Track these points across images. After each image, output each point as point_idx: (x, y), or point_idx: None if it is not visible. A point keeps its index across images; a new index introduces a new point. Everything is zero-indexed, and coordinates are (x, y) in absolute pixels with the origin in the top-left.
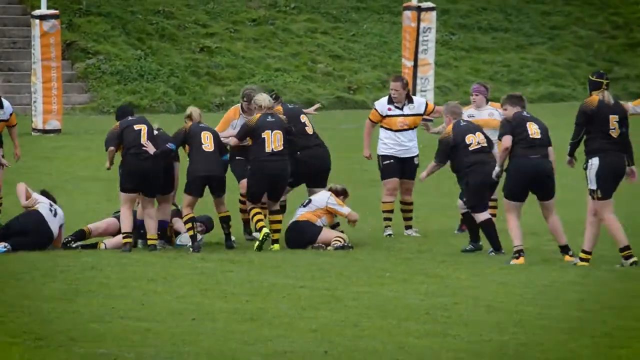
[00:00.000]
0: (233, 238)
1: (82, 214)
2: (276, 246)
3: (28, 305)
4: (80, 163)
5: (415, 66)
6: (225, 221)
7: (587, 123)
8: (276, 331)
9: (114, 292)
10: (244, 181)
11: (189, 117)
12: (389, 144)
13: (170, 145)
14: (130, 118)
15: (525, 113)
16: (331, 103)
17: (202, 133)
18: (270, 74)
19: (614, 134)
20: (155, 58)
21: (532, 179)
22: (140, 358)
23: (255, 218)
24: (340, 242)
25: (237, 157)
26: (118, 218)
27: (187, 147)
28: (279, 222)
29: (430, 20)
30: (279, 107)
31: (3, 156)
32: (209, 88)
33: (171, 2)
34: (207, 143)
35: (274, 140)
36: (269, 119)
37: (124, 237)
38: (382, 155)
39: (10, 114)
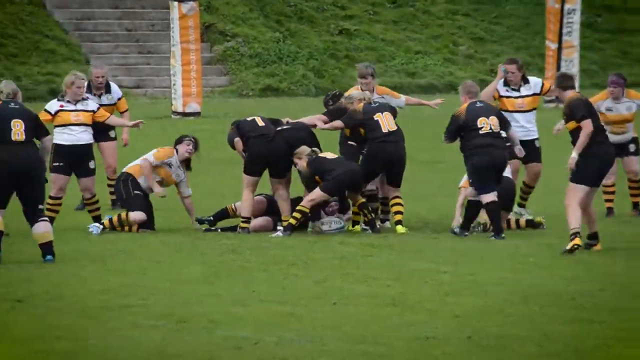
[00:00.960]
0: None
1: (223, 196)
2: (400, 228)
3: (169, 288)
4: (220, 146)
5: (559, 48)
6: (365, 207)
7: None
8: (418, 316)
9: (255, 276)
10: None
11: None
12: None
13: None
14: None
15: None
16: None
17: None
18: (410, 56)
19: None
20: (293, 40)
21: (609, 165)
22: (281, 342)
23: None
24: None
25: (348, 142)
26: (266, 197)
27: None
28: (401, 204)
29: (574, 1)
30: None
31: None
32: (348, 71)
33: None
34: None
35: (387, 122)
36: (373, 105)
37: (242, 222)
38: None
39: (119, 99)
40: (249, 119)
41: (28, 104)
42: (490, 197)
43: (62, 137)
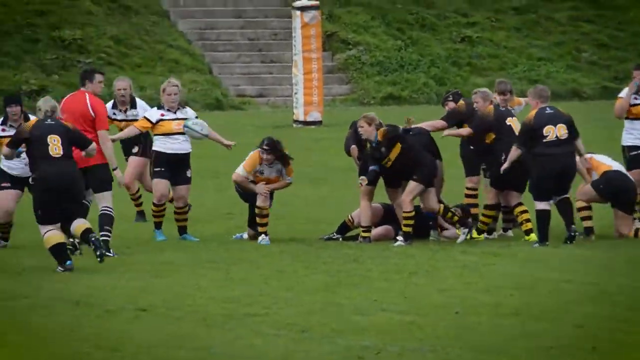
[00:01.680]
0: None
1: (344, 204)
2: (533, 236)
3: (292, 297)
4: (341, 155)
5: None
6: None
7: None
8: (541, 326)
9: (376, 285)
10: None
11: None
12: (635, 133)
13: None
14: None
15: None
16: (597, 93)
17: None
18: (532, 63)
19: None
20: (415, 48)
21: None
22: (403, 351)
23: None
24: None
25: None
26: (383, 205)
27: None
28: (527, 211)
29: None
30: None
31: (138, 152)
32: (470, 78)
33: None
34: None
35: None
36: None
37: (363, 231)
38: (628, 146)
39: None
40: None
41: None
42: (542, 205)
43: (163, 145)
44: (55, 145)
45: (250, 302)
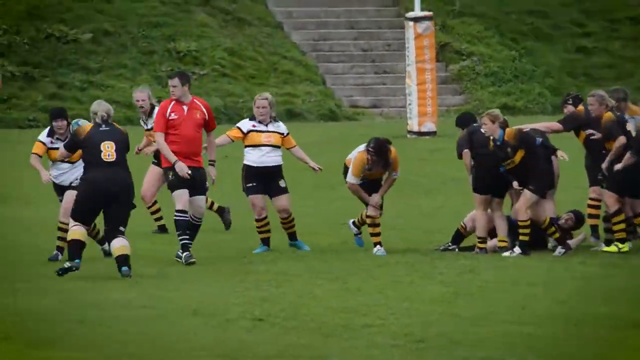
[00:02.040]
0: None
1: (459, 214)
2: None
3: (408, 307)
4: (456, 165)
5: None
6: None
7: None
8: None
9: (493, 296)
10: None
11: None
12: None
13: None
14: (474, 124)
15: None
16: None
17: None
18: None
19: None
20: (530, 59)
21: None
22: None
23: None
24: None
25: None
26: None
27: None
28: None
29: None
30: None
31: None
32: (586, 88)
33: (546, 2)
34: None
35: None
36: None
37: (479, 242)
38: None
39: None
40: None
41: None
42: None
43: (251, 157)
44: (108, 152)
45: (367, 312)
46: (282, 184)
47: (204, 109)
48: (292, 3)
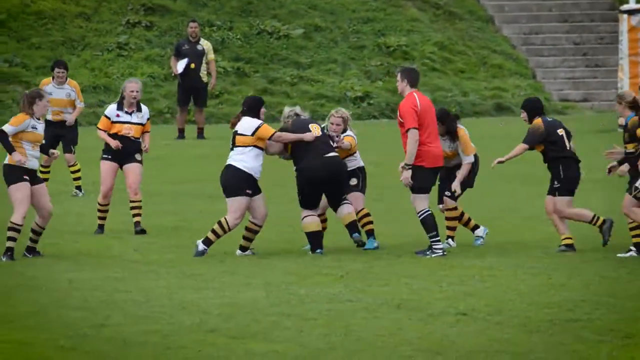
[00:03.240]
0: None
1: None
2: None
3: (614, 303)
4: None
5: None
6: None
7: None
8: None
9: None
10: None
11: None
12: None
13: None
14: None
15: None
16: None
17: None
18: None
19: None
20: None
21: None
22: None
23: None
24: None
25: None
26: None
27: None
28: None
29: None
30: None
31: (139, 158)
32: None
33: None
34: None
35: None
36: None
37: None
38: None
39: (147, 119)
40: None
41: (473, 120)
42: None
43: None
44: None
45: (572, 308)
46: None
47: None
48: None
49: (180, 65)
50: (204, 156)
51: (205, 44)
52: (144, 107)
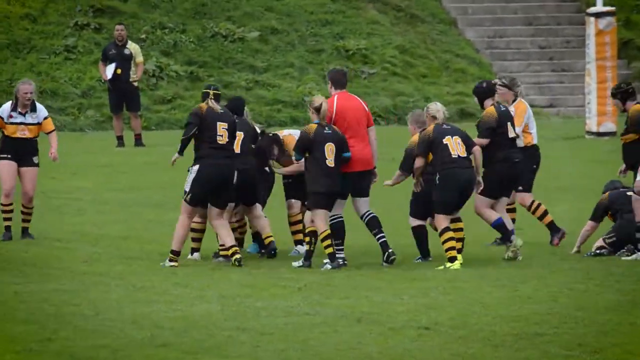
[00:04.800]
0: None
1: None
2: None
3: (582, 316)
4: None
5: None
6: None
7: None
8: None
9: None
10: None
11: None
12: None
13: None
14: None
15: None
16: None
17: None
18: None
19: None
20: None
21: None
22: None
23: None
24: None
25: None
26: None
27: None
28: None
29: None
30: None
31: (36, 161)
32: None
33: None
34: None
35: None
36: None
37: None
38: None
39: (45, 118)
40: None
41: None
42: None
43: None
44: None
45: (539, 321)
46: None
47: None
48: None
49: (109, 71)
50: (152, 163)
51: (132, 47)
52: (39, 106)
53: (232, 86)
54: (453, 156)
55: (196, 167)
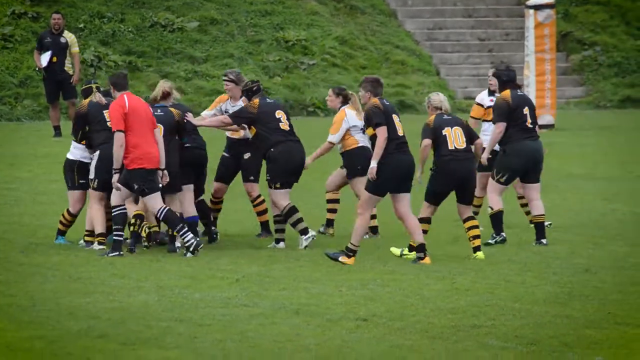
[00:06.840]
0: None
1: (577, 213)
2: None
3: (519, 308)
4: (575, 160)
5: None
6: None
7: None
8: None
9: (610, 297)
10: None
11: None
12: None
13: None
14: None
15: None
16: None
17: None
18: None
19: None
20: None
21: None
22: None
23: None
24: None
25: None
26: None
27: None
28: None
29: None
30: (256, 100)
31: None
32: None
33: None
34: None
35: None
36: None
37: None
38: None
39: None
40: None
41: None
42: None
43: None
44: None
45: (476, 313)
46: None
47: None
48: None
49: (44, 59)
50: None
51: (68, 36)
52: None
53: (171, 76)
54: (450, 148)
55: (97, 153)
